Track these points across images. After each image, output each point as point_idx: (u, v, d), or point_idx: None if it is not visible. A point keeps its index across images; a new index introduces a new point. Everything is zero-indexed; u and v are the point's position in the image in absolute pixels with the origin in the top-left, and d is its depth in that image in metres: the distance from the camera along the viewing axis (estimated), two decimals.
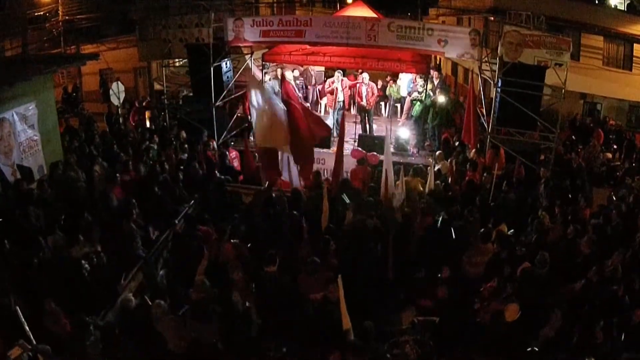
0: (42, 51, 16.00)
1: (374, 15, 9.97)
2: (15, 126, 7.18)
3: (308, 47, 9.17)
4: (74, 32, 16.01)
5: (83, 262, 5.06)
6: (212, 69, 8.90)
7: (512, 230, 6.42)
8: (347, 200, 5.99)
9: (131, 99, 14.40)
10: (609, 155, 10.99)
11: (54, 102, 8.24)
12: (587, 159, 10.20)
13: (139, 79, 16.60)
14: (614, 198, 8.14)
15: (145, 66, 15.89)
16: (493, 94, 8.21)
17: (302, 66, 10.89)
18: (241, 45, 9.42)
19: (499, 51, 7.52)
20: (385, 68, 9.32)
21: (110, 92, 9.86)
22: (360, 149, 8.29)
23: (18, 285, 4.75)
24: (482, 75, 8.19)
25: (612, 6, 14.05)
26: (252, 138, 8.00)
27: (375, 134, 9.78)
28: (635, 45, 12.30)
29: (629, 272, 5.39)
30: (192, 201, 7.09)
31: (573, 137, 11.42)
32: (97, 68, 15.65)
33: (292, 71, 10.41)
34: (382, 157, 8.25)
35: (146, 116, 11.82)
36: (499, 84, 7.62)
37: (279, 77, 10.19)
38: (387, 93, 11.20)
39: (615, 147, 11.35)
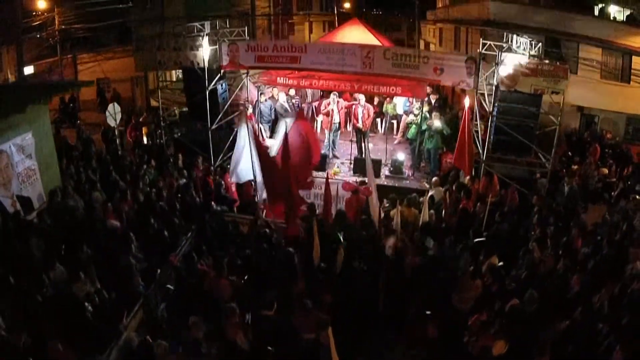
0: (39, 60, 16.01)
1: (369, 34, 9.96)
2: (13, 157, 7.23)
3: None
4: (71, 41, 15.95)
5: (86, 304, 5.16)
6: (207, 93, 8.88)
7: (501, 263, 6.48)
8: (342, 240, 6.06)
9: (128, 108, 14.42)
10: (605, 170, 10.98)
11: (50, 129, 8.26)
12: (582, 176, 10.22)
13: (136, 88, 16.56)
14: (608, 217, 8.18)
15: (142, 75, 15.84)
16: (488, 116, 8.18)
17: None
18: (236, 69, 9.40)
19: (495, 79, 7.50)
20: (381, 92, 9.35)
21: (107, 113, 9.88)
22: (350, 181, 8.34)
23: (23, 321, 4.86)
24: (477, 95, 8.17)
25: (611, 18, 13.92)
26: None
27: (370, 155, 9.79)
28: (634, 57, 12.25)
29: (617, 307, 5.47)
30: (190, 232, 7.17)
31: (569, 153, 11.43)
32: (95, 77, 15.64)
33: (288, 90, 10.41)
34: (377, 181, 8.37)
35: (143, 132, 11.86)
36: (495, 112, 7.62)
37: (275, 96, 10.22)
38: (383, 110, 11.22)
39: (611, 162, 11.35)
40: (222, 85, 9.39)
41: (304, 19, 21.63)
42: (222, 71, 9.09)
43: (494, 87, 7.58)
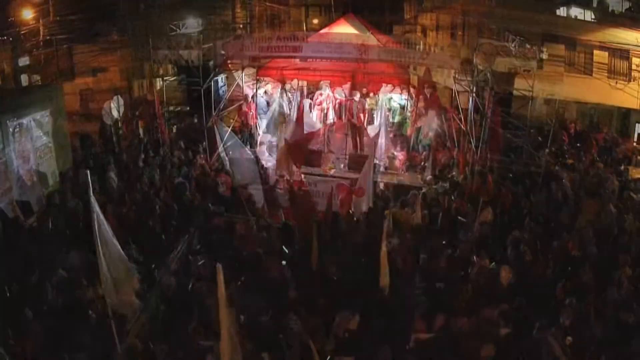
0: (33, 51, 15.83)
1: (366, 30, 9.92)
2: (32, 132, 7.39)
3: (299, 62, 9.22)
4: (67, 32, 15.69)
5: (90, 312, 5.32)
6: (202, 90, 8.85)
7: (493, 264, 6.61)
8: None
9: (126, 101, 14.30)
10: (601, 165, 11.00)
11: (64, 109, 8.36)
12: (578, 171, 10.23)
13: (133, 79, 16.39)
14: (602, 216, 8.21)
15: (138, 66, 15.69)
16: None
17: None
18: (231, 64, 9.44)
19: (474, 61, 7.91)
20: (371, 80, 9.73)
21: (103, 111, 9.81)
22: (345, 183, 8.49)
23: (28, 329, 5.03)
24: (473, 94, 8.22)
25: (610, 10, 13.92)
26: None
27: (365, 150, 9.83)
28: (594, 51, 12.90)
29: (602, 314, 5.59)
30: (187, 234, 7.28)
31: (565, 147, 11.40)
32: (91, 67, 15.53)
33: (283, 85, 10.37)
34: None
35: (140, 125, 11.80)
36: (489, 114, 7.66)
37: (269, 92, 10.24)
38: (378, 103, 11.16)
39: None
40: (221, 78, 9.35)
41: (300, 3, 21.18)
42: (217, 69, 9.06)
43: (488, 89, 7.62)
